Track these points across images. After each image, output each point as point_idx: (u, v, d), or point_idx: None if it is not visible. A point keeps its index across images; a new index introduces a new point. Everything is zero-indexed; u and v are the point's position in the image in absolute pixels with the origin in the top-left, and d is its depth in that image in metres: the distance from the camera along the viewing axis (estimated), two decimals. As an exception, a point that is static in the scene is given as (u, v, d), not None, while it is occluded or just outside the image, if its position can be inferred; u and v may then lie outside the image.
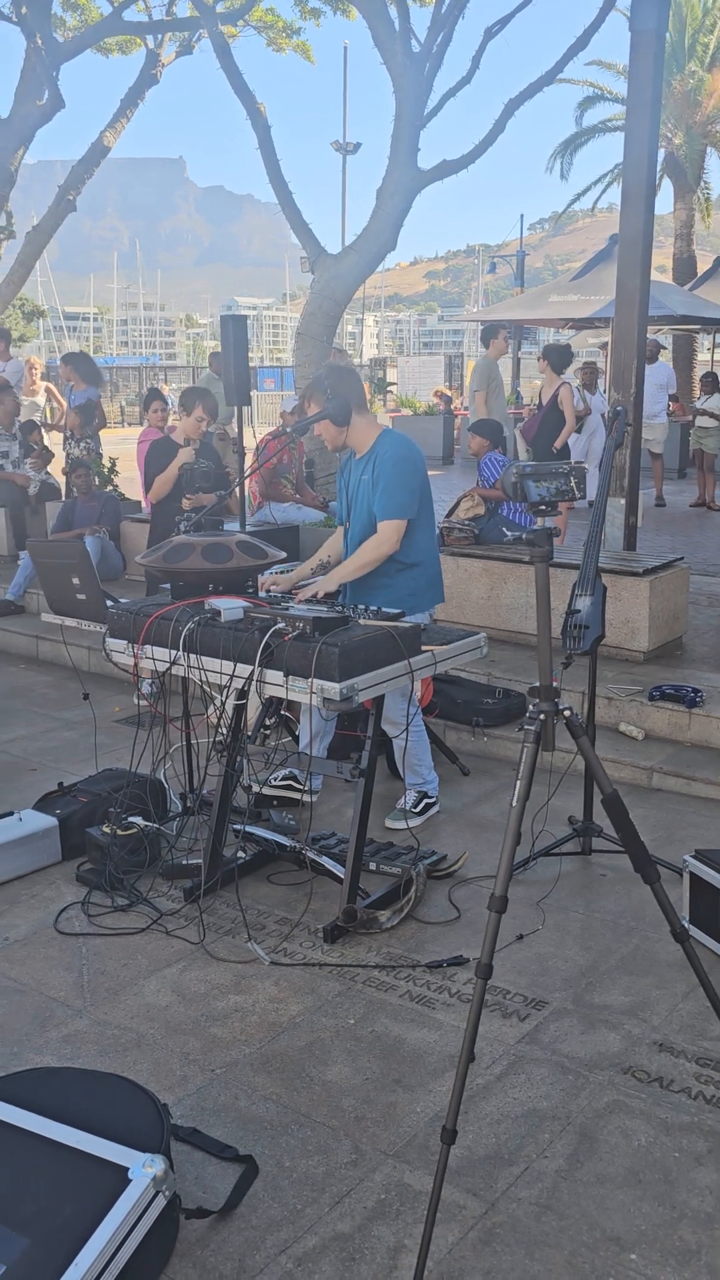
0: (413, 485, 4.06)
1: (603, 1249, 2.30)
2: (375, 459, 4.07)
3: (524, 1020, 3.14)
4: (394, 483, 4.02)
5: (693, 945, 2.32)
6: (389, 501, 4.03)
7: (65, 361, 9.54)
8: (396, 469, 4.03)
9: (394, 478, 4.02)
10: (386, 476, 4.02)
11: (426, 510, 4.19)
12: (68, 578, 4.04)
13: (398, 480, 4.02)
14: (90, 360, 9.68)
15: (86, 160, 12.72)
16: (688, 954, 2.29)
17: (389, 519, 4.04)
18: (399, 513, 4.05)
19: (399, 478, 4.03)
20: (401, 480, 4.03)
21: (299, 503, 8.00)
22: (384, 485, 4.03)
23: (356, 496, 4.16)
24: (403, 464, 4.04)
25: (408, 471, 4.05)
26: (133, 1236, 2.01)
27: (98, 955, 3.54)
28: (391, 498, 4.03)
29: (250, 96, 9.29)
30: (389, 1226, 2.37)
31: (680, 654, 6.15)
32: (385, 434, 4.13)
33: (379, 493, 4.04)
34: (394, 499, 4.03)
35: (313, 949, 3.55)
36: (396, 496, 4.03)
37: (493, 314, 23.83)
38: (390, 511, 4.04)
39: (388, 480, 4.02)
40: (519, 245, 31.53)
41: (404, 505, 4.05)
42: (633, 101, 6.43)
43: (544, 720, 2.20)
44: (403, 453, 4.06)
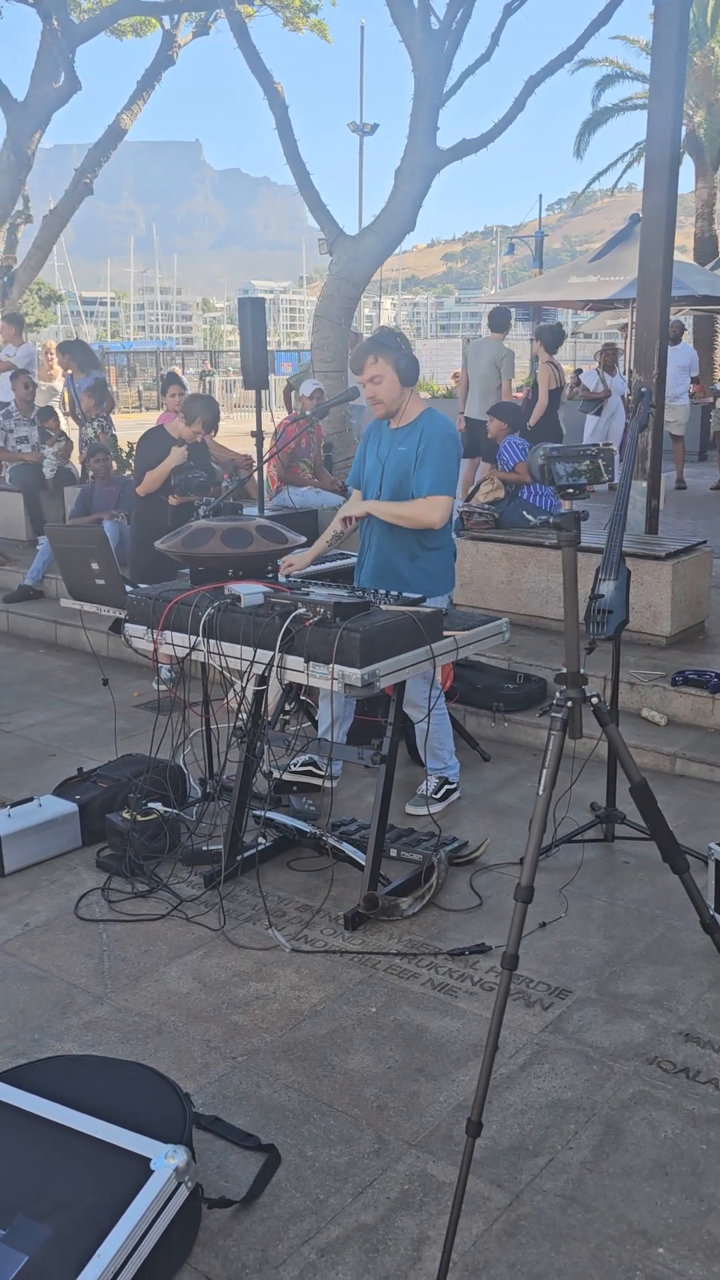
0: (457, 464, 4.12)
1: (630, 1242, 2.27)
2: (422, 434, 4.04)
3: (547, 1009, 3.11)
4: (444, 460, 4.04)
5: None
6: (441, 479, 4.04)
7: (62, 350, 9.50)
8: (445, 447, 4.04)
9: (445, 455, 4.04)
10: (437, 453, 4.02)
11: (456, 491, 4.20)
12: (87, 563, 4.01)
13: (447, 458, 4.05)
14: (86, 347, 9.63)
15: (103, 143, 12.65)
16: (717, 945, 2.25)
17: (440, 494, 4.05)
18: (448, 489, 4.07)
19: (451, 456, 4.06)
20: (451, 458, 4.07)
21: (317, 486, 7.95)
22: (435, 461, 4.02)
23: (388, 464, 4.12)
24: (450, 443, 4.07)
25: (455, 452, 4.09)
26: (155, 1227, 1.99)
27: (118, 941, 3.52)
28: (443, 475, 4.05)
29: (268, 76, 9.20)
30: (412, 1217, 2.35)
31: (703, 639, 6.08)
32: (430, 411, 4.11)
33: (429, 468, 4.03)
34: (446, 477, 4.06)
35: (334, 936, 3.52)
36: (447, 473, 4.06)
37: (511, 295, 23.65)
38: (441, 487, 4.05)
39: (439, 457, 4.02)
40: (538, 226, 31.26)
41: (451, 483, 4.10)
42: (656, 77, 6.33)
43: (571, 708, 2.16)
44: (451, 432, 4.10)
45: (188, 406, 5.87)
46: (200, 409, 5.78)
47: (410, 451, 4.06)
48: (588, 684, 2.21)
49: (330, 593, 3.50)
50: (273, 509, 7.52)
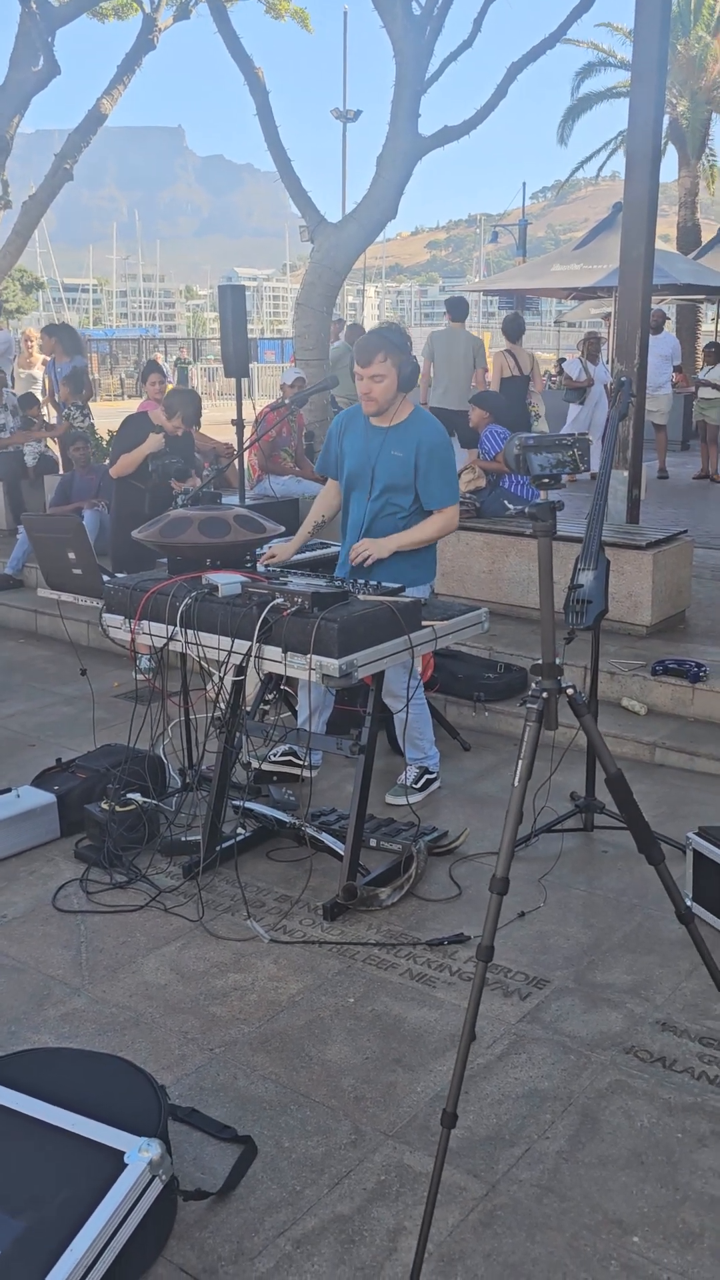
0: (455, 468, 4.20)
1: (605, 1231, 2.28)
2: (419, 442, 4.03)
3: (525, 999, 3.11)
4: (446, 468, 4.10)
5: (697, 927, 2.29)
6: (446, 488, 4.10)
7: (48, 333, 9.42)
8: (448, 454, 4.11)
9: (446, 463, 4.09)
10: (441, 463, 4.07)
11: None
12: (64, 552, 3.98)
13: (448, 465, 4.11)
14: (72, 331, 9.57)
15: (83, 128, 12.53)
16: (692, 935, 2.25)
17: (451, 504, 4.13)
18: (455, 498, 4.15)
19: (449, 462, 4.11)
20: (453, 464, 4.15)
21: (298, 475, 7.92)
22: (440, 472, 4.07)
23: (379, 466, 4.08)
24: (448, 449, 4.14)
25: (454, 458, 4.20)
26: (129, 1220, 1.98)
27: (96, 933, 3.51)
28: (449, 484, 4.11)
29: (248, 62, 9.13)
30: (389, 1208, 2.35)
31: (683, 628, 6.10)
32: (420, 412, 4.13)
33: (436, 480, 4.07)
34: (451, 486, 4.13)
35: (312, 927, 3.52)
36: (451, 482, 4.13)
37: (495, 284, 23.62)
38: (449, 498, 4.12)
39: (442, 467, 4.07)
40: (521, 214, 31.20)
41: (456, 490, 4.18)
42: (638, 64, 6.31)
43: (546, 699, 2.15)
44: (446, 437, 4.17)
45: (169, 400, 5.86)
46: (180, 404, 5.77)
47: (407, 458, 4.03)
48: (563, 675, 2.20)
49: (308, 582, 3.49)
50: (254, 498, 7.49)
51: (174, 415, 5.75)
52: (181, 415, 5.75)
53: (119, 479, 5.94)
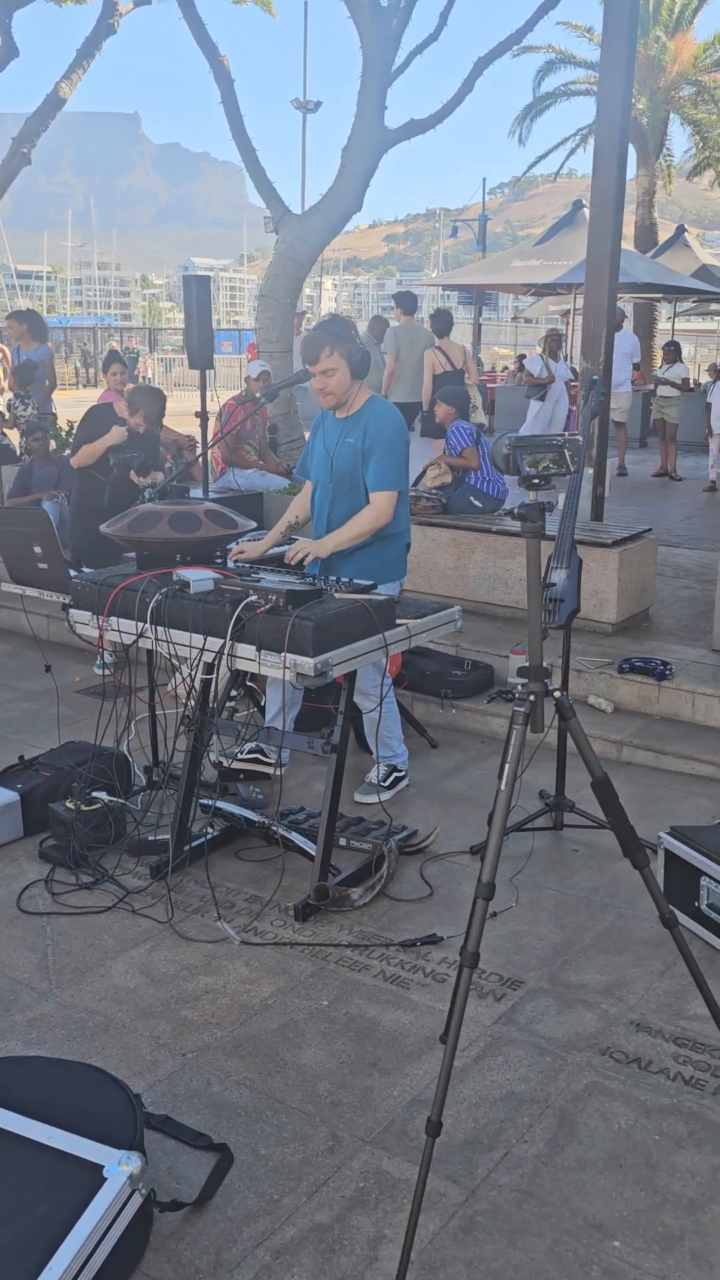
0: (405, 456, 4.05)
1: (585, 1236, 2.27)
2: (366, 426, 3.98)
3: (500, 1000, 3.09)
4: (391, 453, 3.98)
5: (680, 933, 2.28)
6: (386, 473, 3.99)
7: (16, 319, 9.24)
8: (394, 439, 4.00)
9: (391, 448, 3.99)
10: (384, 446, 3.97)
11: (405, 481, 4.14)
12: (29, 546, 3.90)
13: (395, 451, 3.99)
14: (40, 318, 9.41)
15: (41, 113, 12.31)
16: (676, 940, 2.25)
17: (386, 490, 4.00)
18: (395, 484, 4.02)
19: (397, 448, 4.00)
20: (398, 450, 4.01)
21: (262, 469, 7.85)
22: (380, 455, 3.97)
23: (336, 457, 4.06)
24: (399, 435, 4.02)
25: (403, 443, 4.04)
26: (109, 1237, 1.94)
27: (63, 935, 3.44)
28: (389, 469, 3.99)
29: (213, 48, 9.02)
30: (368, 1216, 2.32)
31: (647, 625, 6.13)
32: (375, 400, 4.05)
33: (375, 462, 3.98)
34: (392, 470, 4.00)
35: (283, 928, 3.48)
36: (394, 467, 4.00)
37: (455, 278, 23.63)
38: (387, 483, 4.00)
39: (385, 450, 3.97)
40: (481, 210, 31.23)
41: (399, 477, 4.04)
42: (605, 63, 6.30)
43: (534, 702, 2.13)
44: (398, 423, 4.04)
45: (132, 397, 5.78)
46: (143, 401, 5.69)
47: (357, 443, 4.01)
48: (550, 677, 2.18)
49: (282, 580, 3.44)
50: (217, 491, 7.41)
51: (136, 412, 5.66)
52: (144, 413, 5.66)
53: (80, 470, 5.84)
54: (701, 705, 5.05)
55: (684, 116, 23.18)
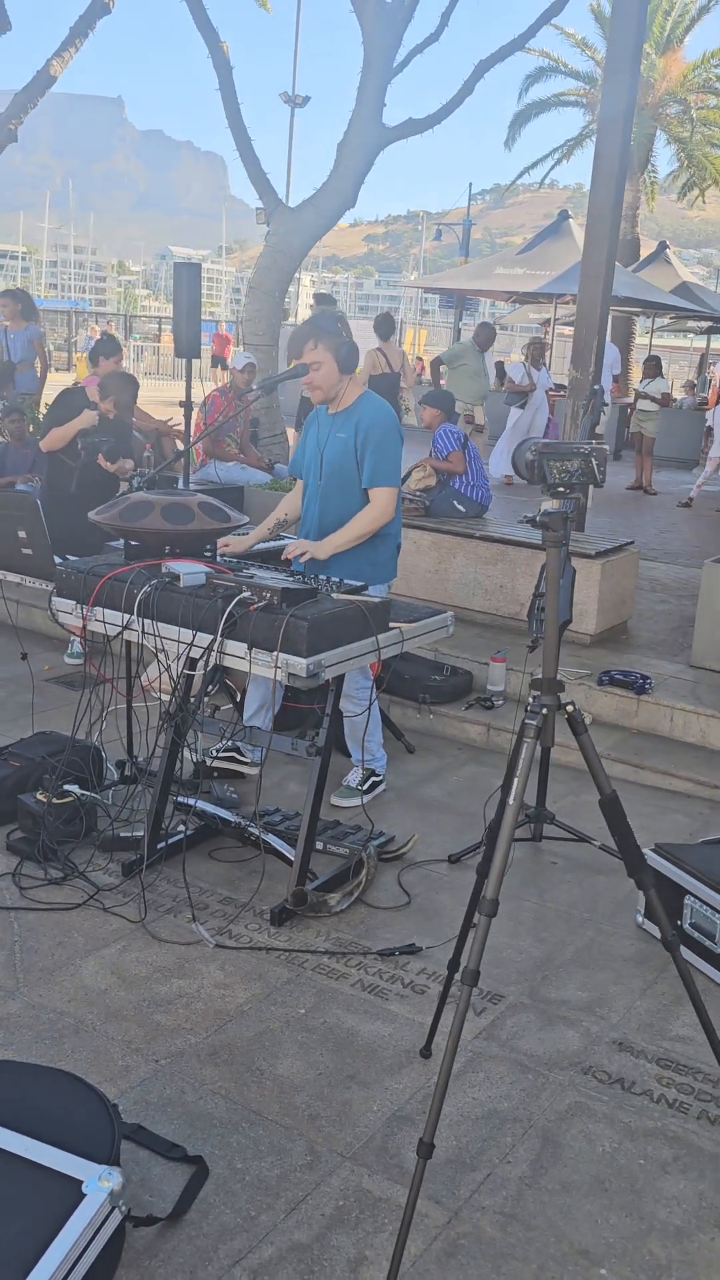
0: (399, 452, 3.98)
1: (572, 1263, 2.21)
2: (359, 421, 3.91)
3: (480, 1014, 3.04)
4: (386, 449, 3.91)
5: (682, 956, 2.23)
6: (383, 469, 3.92)
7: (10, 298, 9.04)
8: (388, 435, 3.92)
9: (385, 444, 3.91)
10: (378, 442, 3.90)
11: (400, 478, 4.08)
12: (13, 530, 3.79)
13: (389, 446, 3.92)
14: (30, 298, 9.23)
15: (30, 89, 12.08)
16: (677, 964, 2.20)
17: (385, 486, 3.94)
18: (391, 479, 3.96)
19: (390, 444, 3.93)
20: (392, 446, 3.94)
21: (243, 462, 7.76)
22: (375, 452, 3.91)
23: (326, 451, 4.00)
24: (392, 431, 3.95)
25: (396, 438, 3.97)
26: (86, 1256, 1.85)
27: (30, 931, 3.34)
28: (385, 465, 3.92)
29: (214, 34, 8.90)
30: (349, 1236, 2.26)
31: (625, 638, 6.11)
32: (368, 396, 3.98)
33: (371, 459, 3.92)
34: (388, 466, 3.93)
35: (259, 931, 3.40)
36: (389, 463, 3.93)
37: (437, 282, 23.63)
38: (383, 478, 3.94)
39: (379, 446, 3.90)
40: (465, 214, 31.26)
41: (394, 472, 3.97)
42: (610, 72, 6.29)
43: (546, 715, 2.07)
44: (391, 420, 3.96)
45: (105, 381, 5.68)
46: (116, 388, 5.59)
47: (349, 439, 3.95)
48: (564, 690, 2.13)
49: (275, 577, 3.36)
50: (197, 483, 7.30)
51: (107, 397, 5.56)
52: (115, 399, 5.56)
53: (50, 455, 5.73)
54: (680, 721, 5.03)
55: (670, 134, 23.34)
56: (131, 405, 5.74)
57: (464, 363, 11.32)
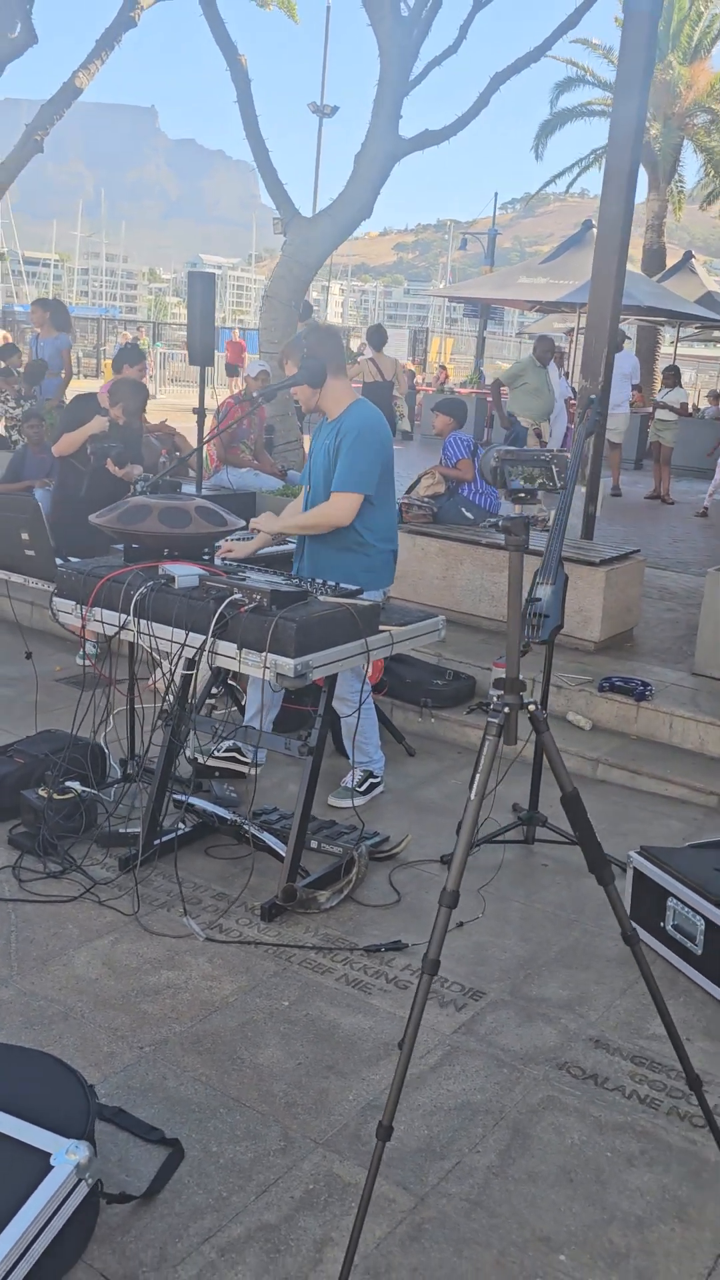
0: (373, 460, 3.98)
1: (532, 1249, 2.27)
2: (340, 428, 3.99)
3: (461, 1010, 3.10)
4: (354, 455, 3.94)
5: (641, 949, 2.29)
6: (347, 473, 3.96)
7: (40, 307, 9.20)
8: (358, 441, 3.95)
9: (355, 450, 3.94)
10: (349, 447, 3.95)
11: (388, 487, 4.12)
12: (17, 532, 3.89)
13: (358, 453, 3.95)
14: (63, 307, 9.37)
15: (57, 101, 12.29)
16: (637, 957, 2.26)
17: (343, 491, 3.97)
18: (354, 486, 3.96)
19: (360, 450, 3.95)
20: (362, 453, 3.95)
21: (256, 469, 7.86)
22: (344, 455, 3.96)
23: (316, 461, 4.10)
24: (365, 436, 3.96)
25: (370, 445, 3.97)
26: (52, 1224, 1.93)
27: (27, 923, 3.43)
28: (349, 469, 3.95)
29: (232, 48, 9.03)
30: (316, 1218, 2.32)
31: (630, 645, 6.15)
32: (355, 404, 4.05)
33: (340, 463, 3.97)
34: (352, 471, 3.95)
35: (249, 927, 3.48)
36: (355, 469, 3.95)
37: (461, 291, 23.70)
38: (345, 483, 3.97)
39: (348, 450, 3.95)
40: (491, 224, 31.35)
41: (360, 479, 3.96)
42: (621, 84, 6.35)
43: (508, 714, 2.14)
44: (368, 425, 3.98)
45: (114, 388, 5.79)
46: (125, 394, 5.70)
47: (331, 445, 4.03)
48: (526, 690, 2.19)
49: (267, 580, 3.44)
50: (210, 488, 7.41)
51: (117, 404, 5.67)
52: (124, 405, 5.67)
53: (62, 459, 5.85)
54: (679, 727, 5.07)
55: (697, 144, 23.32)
56: (140, 411, 5.85)
57: (524, 381, 11.24)
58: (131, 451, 5.51)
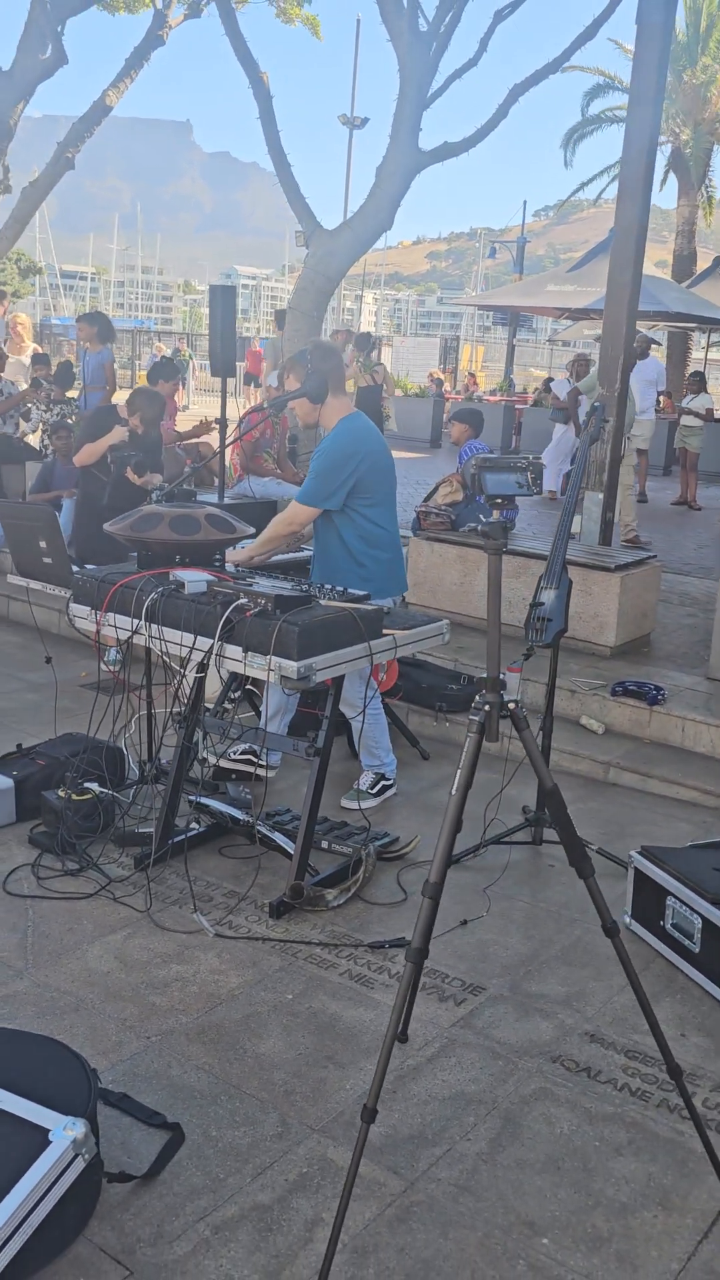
0: (340, 476, 4.08)
1: (516, 1232, 2.34)
2: (323, 443, 4.12)
3: (460, 1004, 3.17)
4: (319, 469, 4.09)
5: (622, 941, 2.35)
6: (309, 485, 4.11)
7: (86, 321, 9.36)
8: (328, 456, 4.09)
9: (320, 464, 4.09)
10: (317, 459, 4.11)
11: (384, 497, 4.21)
12: (35, 540, 4.02)
13: (322, 467, 4.08)
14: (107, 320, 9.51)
15: (87, 119, 12.54)
16: (617, 950, 2.32)
17: (299, 502, 4.13)
18: (310, 499, 4.11)
19: (324, 465, 4.08)
20: (327, 468, 4.08)
21: (279, 478, 7.97)
22: (313, 468, 4.11)
23: None
24: (331, 453, 4.08)
25: (337, 461, 4.08)
26: (49, 1197, 2.03)
27: (44, 918, 3.55)
28: (312, 482, 4.10)
29: (254, 65, 9.18)
30: (308, 1200, 2.41)
31: (647, 651, 6.19)
32: (344, 420, 4.15)
33: (307, 475, 4.13)
34: (312, 484, 4.11)
35: (258, 923, 3.57)
36: (315, 483, 4.10)
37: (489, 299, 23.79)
38: (304, 495, 4.13)
39: (315, 465, 4.11)
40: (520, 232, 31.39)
41: (319, 493, 4.09)
42: (635, 95, 6.41)
43: (488, 712, 2.22)
44: (340, 442, 4.10)
45: (132, 398, 5.91)
46: (142, 403, 5.82)
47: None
48: (506, 689, 2.27)
49: (274, 585, 3.54)
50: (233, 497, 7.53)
51: (135, 413, 5.79)
52: (142, 415, 5.79)
53: (83, 470, 5.98)
54: (691, 731, 5.11)
55: (728, 149, 23.24)
56: (158, 420, 5.97)
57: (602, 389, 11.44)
58: (151, 460, 5.63)
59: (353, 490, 4.10)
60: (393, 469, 4.30)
